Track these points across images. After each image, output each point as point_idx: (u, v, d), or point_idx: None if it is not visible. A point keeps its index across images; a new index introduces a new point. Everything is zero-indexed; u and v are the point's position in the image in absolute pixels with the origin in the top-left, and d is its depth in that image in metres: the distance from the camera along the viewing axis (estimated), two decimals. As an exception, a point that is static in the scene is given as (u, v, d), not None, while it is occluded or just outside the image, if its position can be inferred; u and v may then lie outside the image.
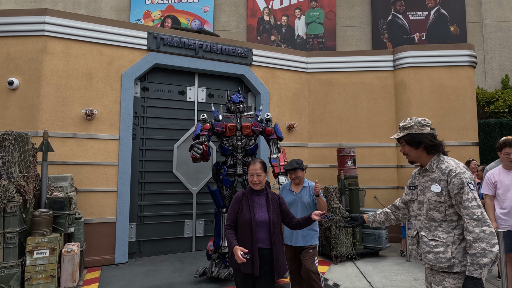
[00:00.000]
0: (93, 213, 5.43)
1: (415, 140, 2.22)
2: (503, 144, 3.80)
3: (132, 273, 5.06)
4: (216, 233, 4.77)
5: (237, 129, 4.65)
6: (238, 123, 4.67)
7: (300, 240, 3.72)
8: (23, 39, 5.36)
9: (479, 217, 1.97)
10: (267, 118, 4.83)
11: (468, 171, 2.12)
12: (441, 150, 2.22)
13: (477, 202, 2.00)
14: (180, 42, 6.19)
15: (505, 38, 11.65)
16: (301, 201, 3.75)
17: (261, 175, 2.85)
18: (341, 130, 7.32)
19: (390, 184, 7.16)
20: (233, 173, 4.69)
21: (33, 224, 4.14)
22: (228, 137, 4.67)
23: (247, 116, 4.78)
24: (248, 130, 4.64)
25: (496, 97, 9.61)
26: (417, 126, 2.22)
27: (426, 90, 7.10)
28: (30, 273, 3.97)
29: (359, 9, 12.27)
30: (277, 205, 2.86)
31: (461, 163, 2.17)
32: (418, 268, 5.29)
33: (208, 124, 4.68)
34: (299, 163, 3.77)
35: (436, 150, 2.22)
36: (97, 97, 5.61)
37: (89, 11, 12.26)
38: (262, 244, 2.73)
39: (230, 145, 4.69)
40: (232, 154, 4.73)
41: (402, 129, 2.28)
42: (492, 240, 1.92)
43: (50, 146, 4.56)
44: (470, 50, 7.24)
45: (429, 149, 2.22)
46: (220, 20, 12.42)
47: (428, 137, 2.21)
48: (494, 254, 1.90)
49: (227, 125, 4.61)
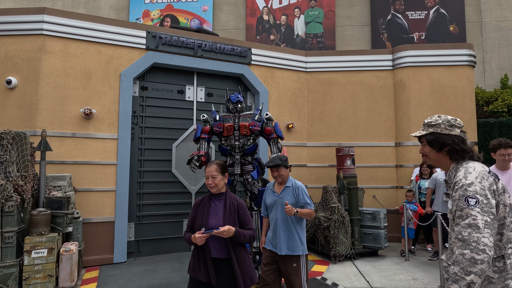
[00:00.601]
0: (91, 212, 5.42)
1: (438, 141, 1.89)
2: (497, 145, 3.77)
3: (130, 273, 5.05)
4: None
5: (235, 129, 4.64)
6: (236, 123, 4.66)
7: (282, 248, 3.22)
8: (21, 38, 5.34)
9: (465, 237, 1.63)
10: (266, 118, 4.79)
11: (486, 180, 1.72)
12: (469, 157, 1.85)
13: (469, 221, 1.64)
14: (179, 41, 6.18)
15: (504, 37, 11.65)
16: (282, 202, 3.30)
17: (216, 177, 2.63)
18: (340, 129, 7.32)
19: (389, 183, 7.16)
20: (232, 172, 4.69)
21: (31, 224, 4.13)
22: (226, 137, 4.67)
23: (246, 116, 4.76)
24: (246, 129, 4.62)
25: (495, 96, 9.61)
26: (445, 125, 1.89)
27: (425, 90, 7.10)
28: (28, 272, 3.96)
29: (359, 9, 12.26)
30: (235, 212, 2.62)
31: (480, 170, 1.75)
32: (417, 267, 5.29)
33: (208, 127, 4.70)
34: (282, 160, 3.36)
35: (462, 157, 1.85)
36: (95, 96, 5.59)
37: (88, 10, 12.24)
38: (217, 254, 2.55)
39: (228, 145, 4.69)
40: (231, 154, 4.73)
41: (426, 127, 1.95)
42: (468, 267, 1.57)
43: (48, 146, 4.55)
44: (469, 50, 7.23)
45: (453, 154, 1.86)
46: (219, 19, 12.40)
47: (455, 140, 1.86)
48: (465, 284, 1.57)
49: (225, 125, 4.60)
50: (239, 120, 4.68)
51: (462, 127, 1.92)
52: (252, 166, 4.74)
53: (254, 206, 4.70)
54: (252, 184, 4.69)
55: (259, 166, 4.83)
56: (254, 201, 4.71)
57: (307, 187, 7.07)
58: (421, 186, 6.20)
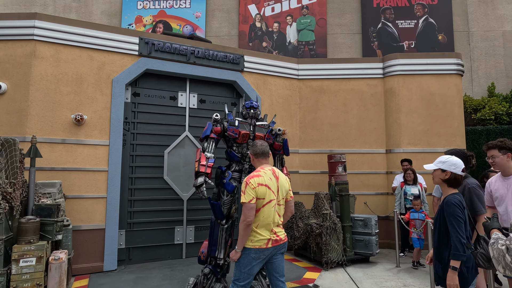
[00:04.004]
0: (81, 219, 5.34)
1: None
2: (485, 149, 3.54)
3: (121, 281, 4.98)
4: (213, 242, 4.49)
5: (250, 138, 4.53)
6: (251, 131, 4.56)
7: None
8: (11, 43, 5.29)
9: None
10: (278, 133, 4.75)
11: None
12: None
13: None
14: (171, 47, 6.18)
15: (491, 47, 11.94)
16: None
17: None
18: (331, 136, 7.38)
19: (380, 190, 7.23)
20: (237, 177, 4.56)
21: (20, 232, 4.06)
22: (239, 144, 4.56)
23: (261, 126, 4.67)
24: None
25: (483, 104, 9.82)
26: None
27: (415, 98, 7.22)
28: (16, 282, 3.88)
29: (350, 17, 12.45)
30: None
31: None
32: (408, 274, 5.33)
33: (219, 127, 4.50)
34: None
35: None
36: (87, 102, 5.55)
37: (79, 16, 12.18)
38: None
39: (239, 152, 4.57)
40: (240, 161, 4.61)
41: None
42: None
43: (38, 152, 4.49)
44: (457, 59, 7.39)
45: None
46: (212, 26, 12.46)
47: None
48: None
49: (241, 131, 4.45)
50: (254, 129, 4.58)
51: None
52: None
53: None
54: None
55: None
56: None
57: (298, 194, 7.10)
58: (407, 192, 6.26)
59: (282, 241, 3.10)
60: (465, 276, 2.53)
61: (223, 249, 4.45)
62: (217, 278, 4.44)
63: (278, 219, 3.11)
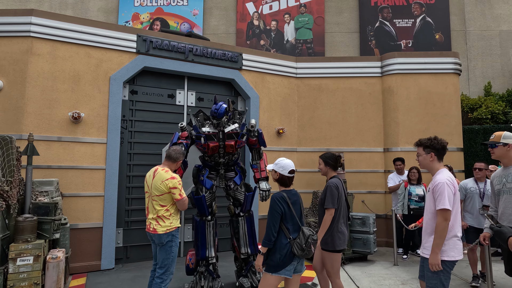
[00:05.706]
0: (79, 218, 5.31)
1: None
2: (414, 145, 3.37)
3: (118, 280, 4.96)
4: (201, 243, 4.42)
5: (220, 147, 4.39)
6: (221, 142, 4.35)
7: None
8: (7, 40, 5.23)
9: None
10: (250, 129, 4.55)
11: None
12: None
13: None
14: (169, 45, 6.15)
15: (488, 46, 11.99)
16: None
17: None
18: (330, 135, 7.38)
19: (378, 188, 7.25)
20: (214, 176, 4.57)
21: (17, 230, 4.02)
22: (210, 155, 4.47)
23: (231, 132, 4.39)
24: (232, 148, 4.40)
25: (479, 103, 9.87)
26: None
27: (412, 96, 7.23)
28: (13, 281, 3.85)
29: (347, 16, 12.44)
30: None
31: None
32: (406, 272, 5.36)
33: (186, 132, 4.41)
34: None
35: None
36: (84, 100, 5.51)
37: (76, 12, 12.07)
38: None
39: (212, 161, 4.54)
40: (214, 167, 4.57)
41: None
42: None
43: (35, 150, 4.45)
44: (455, 58, 7.42)
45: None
46: (209, 24, 12.40)
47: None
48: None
49: (210, 145, 4.31)
50: (224, 137, 4.35)
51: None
52: (234, 172, 4.65)
53: (240, 213, 4.63)
54: (235, 190, 4.60)
55: (241, 171, 4.74)
56: (238, 207, 4.65)
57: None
58: (411, 192, 6.04)
59: (150, 231, 3.74)
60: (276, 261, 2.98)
61: (213, 247, 4.44)
62: (213, 277, 4.41)
63: (153, 211, 3.72)
